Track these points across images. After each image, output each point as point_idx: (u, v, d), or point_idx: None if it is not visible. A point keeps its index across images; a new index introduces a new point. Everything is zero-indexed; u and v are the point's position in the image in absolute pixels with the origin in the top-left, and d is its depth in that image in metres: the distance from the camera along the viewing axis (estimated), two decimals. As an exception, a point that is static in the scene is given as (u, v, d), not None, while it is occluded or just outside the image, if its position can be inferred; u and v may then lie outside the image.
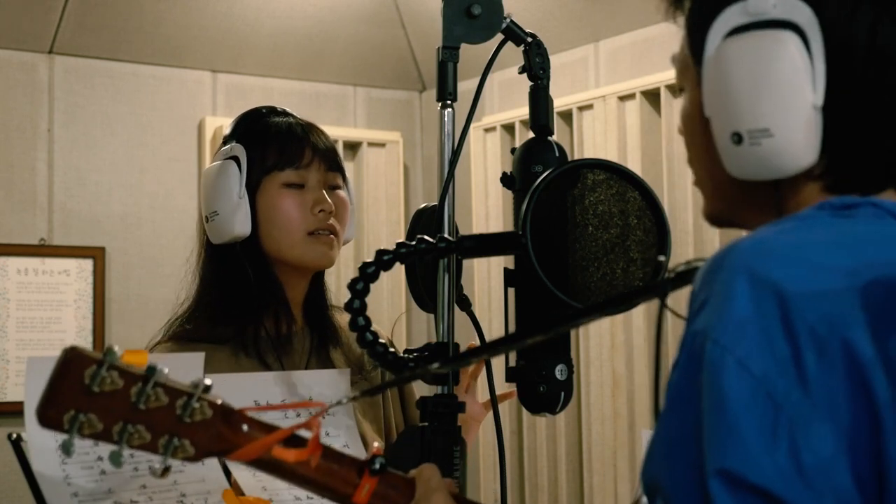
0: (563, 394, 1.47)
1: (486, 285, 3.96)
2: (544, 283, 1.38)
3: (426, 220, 1.55)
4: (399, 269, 1.49)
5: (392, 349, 1.45)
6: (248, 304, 1.79)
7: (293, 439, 1.08)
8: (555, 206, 1.42)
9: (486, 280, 3.97)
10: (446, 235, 1.44)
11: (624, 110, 3.56)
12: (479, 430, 1.87)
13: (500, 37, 1.51)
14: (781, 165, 0.93)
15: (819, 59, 0.92)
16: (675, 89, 3.35)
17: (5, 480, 3.52)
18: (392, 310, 4.16)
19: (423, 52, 4.28)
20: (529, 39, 1.52)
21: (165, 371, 1.03)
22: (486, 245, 1.45)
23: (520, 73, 1.54)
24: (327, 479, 1.08)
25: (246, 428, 1.06)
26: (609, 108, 3.58)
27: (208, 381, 1.05)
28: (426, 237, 1.41)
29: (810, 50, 0.92)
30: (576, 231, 1.42)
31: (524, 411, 2.04)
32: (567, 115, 3.73)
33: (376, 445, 1.13)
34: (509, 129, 3.97)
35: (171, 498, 1.38)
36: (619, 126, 3.55)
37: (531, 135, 1.54)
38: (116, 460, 1.02)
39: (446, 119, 1.50)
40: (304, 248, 1.80)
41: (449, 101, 1.50)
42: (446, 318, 1.46)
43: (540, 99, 1.53)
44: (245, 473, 1.45)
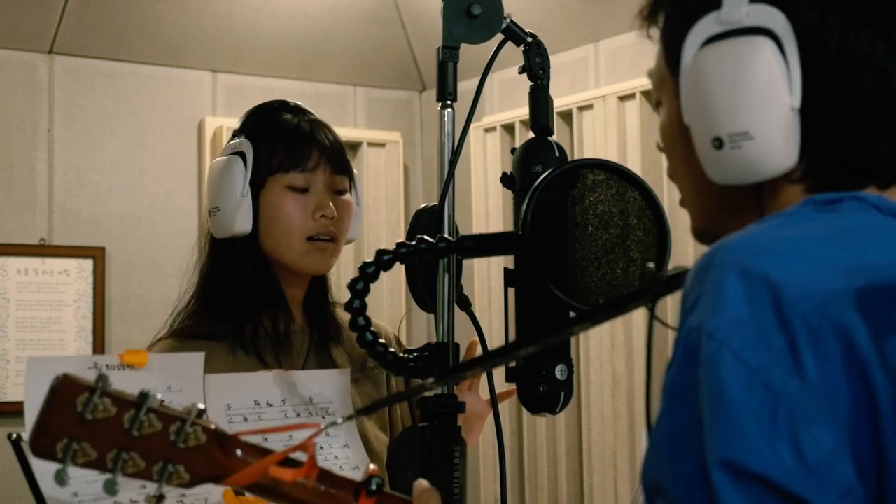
0: (563, 394, 1.47)
1: (486, 285, 3.96)
2: (544, 283, 1.38)
3: (426, 220, 1.55)
4: (399, 269, 1.49)
5: (392, 349, 1.45)
6: (246, 300, 1.80)
7: (288, 461, 1.07)
8: (555, 206, 1.42)
9: (486, 280, 3.97)
10: (446, 235, 1.44)
11: (624, 110, 3.56)
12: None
13: (500, 37, 1.51)
14: (762, 167, 0.94)
15: (794, 63, 0.93)
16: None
17: (5, 480, 3.52)
18: (392, 310, 4.16)
19: (423, 52, 4.28)
20: (529, 39, 1.52)
21: (158, 397, 1.02)
22: (486, 245, 1.45)
23: (520, 73, 1.54)
24: (323, 501, 1.08)
25: (240, 453, 1.05)
26: (609, 108, 3.58)
27: (201, 406, 1.04)
28: (426, 237, 1.41)
29: (785, 54, 0.94)
30: (576, 231, 1.42)
31: (524, 411, 2.03)
32: (567, 115, 3.73)
33: (372, 467, 1.12)
34: (509, 129, 3.97)
35: (171, 498, 1.38)
36: (619, 126, 3.55)
37: (531, 135, 1.54)
38: (111, 489, 1.01)
39: (446, 119, 1.50)
40: (302, 253, 1.80)
41: (449, 101, 1.50)
42: (446, 318, 1.46)
43: (540, 99, 1.53)
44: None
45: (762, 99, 0.93)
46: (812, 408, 0.81)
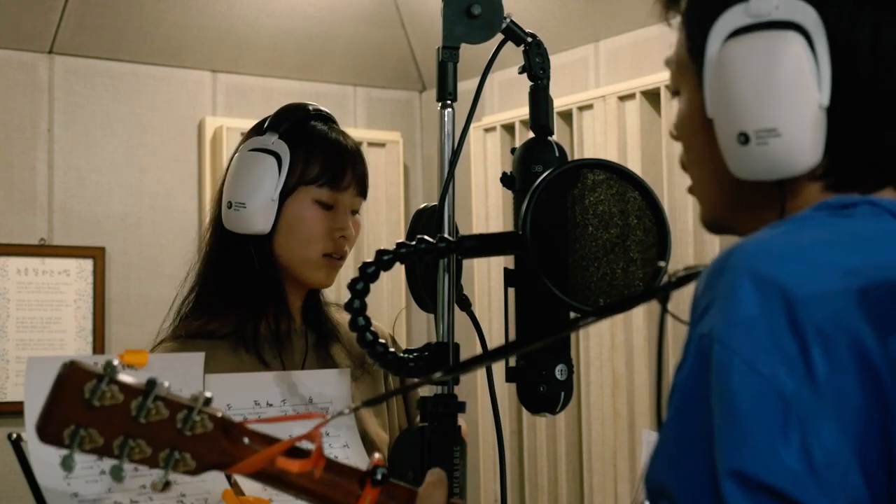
0: (563, 394, 1.47)
1: (486, 285, 3.96)
2: (544, 283, 1.38)
3: (426, 220, 1.55)
4: (399, 269, 1.49)
5: (391, 349, 1.45)
6: (250, 298, 1.80)
7: (294, 450, 1.07)
8: (555, 206, 1.42)
9: (486, 280, 3.97)
10: (446, 235, 1.44)
11: (624, 110, 3.56)
12: (479, 430, 1.87)
13: (500, 37, 1.51)
14: (788, 165, 0.93)
15: (824, 60, 0.92)
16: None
17: (5, 480, 3.52)
18: (392, 310, 4.16)
19: (423, 52, 4.28)
20: (529, 39, 1.52)
21: (166, 384, 1.03)
22: (486, 245, 1.45)
23: (520, 73, 1.54)
24: (329, 490, 1.08)
25: (247, 440, 1.06)
26: (609, 108, 3.58)
27: (208, 394, 1.04)
28: (426, 237, 1.41)
29: (815, 51, 0.92)
30: (576, 231, 1.42)
31: (524, 411, 2.04)
32: (567, 115, 3.73)
33: (377, 456, 1.12)
34: (509, 129, 3.97)
35: (172, 498, 1.38)
36: (619, 126, 3.55)
37: (531, 135, 1.54)
38: (118, 475, 1.01)
39: (446, 119, 1.50)
40: (315, 267, 1.81)
41: (449, 101, 1.50)
42: (446, 318, 1.46)
43: (540, 99, 1.53)
44: (245, 473, 1.45)
45: (791, 96, 0.92)
46: (824, 417, 0.80)
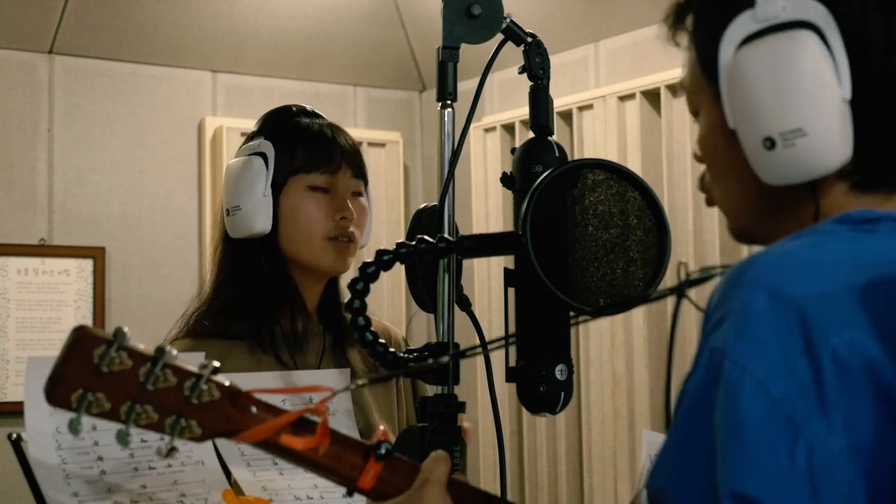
0: (563, 394, 1.46)
1: (486, 285, 3.96)
2: (544, 283, 1.38)
3: (426, 220, 1.55)
4: (399, 269, 1.49)
5: (391, 349, 1.45)
6: (263, 300, 1.80)
7: (301, 422, 1.08)
8: (555, 206, 1.42)
9: (486, 280, 3.97)
10: (446, 235, 1.44)
11: (624, 110, 3.56)
12: (479, 429, 1.87)
13: (500, 37, 1.51)
14: (819, 164, 0.91)
15: (840, 54, 0.90)
16: (675, 89, 3.35)
17: (5, 480, 3.52)
18: (392, 310, 4.16)
19: (423, 52, 4.28)
20: (529, 39, 1.52)
21: (174, 353, 1.03)
22: (486, 245, 1.45)
23: (520, 73, 1.54)
24: (333, 463, 1.08)
25: (255, 409, 1.06)
26: (609, 108, 3.58)
27: (217, 364, 1.05)
28: (426, 237, 1.41)
29: (830, 46, 0.91)
30: (576, 231, 1.42)
31: (524, 411, 2.03)
32: (567, 115, 3.73)
33: (382, 429, 1.13)
34: (509, 129, 3.97)
35: (172, 498, 1.38)
36: (619, 126, 3.55)
37: (531, 135, 1.54)
38: (123, 439, 1.02)
39: (446, 119, 1.50)
40: (322, 252, 1.81)
41: (449, 101, 1.50)
42: (446, 318, 1.46)
43: (540, 99, 1.53)
44: (245, 473, 1.45)
45: (812, 92, 0.90)
46: (833, 444, 0.78)
